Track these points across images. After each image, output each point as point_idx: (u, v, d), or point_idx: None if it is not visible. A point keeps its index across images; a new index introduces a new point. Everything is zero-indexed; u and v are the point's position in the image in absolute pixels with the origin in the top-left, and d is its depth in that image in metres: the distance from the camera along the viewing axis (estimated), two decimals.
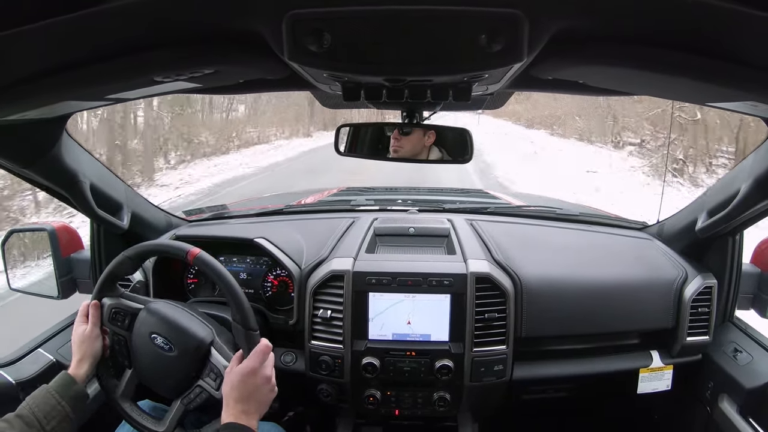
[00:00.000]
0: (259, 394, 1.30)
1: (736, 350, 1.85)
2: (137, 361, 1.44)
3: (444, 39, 0.77)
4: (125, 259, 1.48)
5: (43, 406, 1.27)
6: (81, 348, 1.42)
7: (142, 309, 1.46)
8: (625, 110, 17.89)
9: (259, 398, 1.30)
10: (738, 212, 1.59)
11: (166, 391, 1.42)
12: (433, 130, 1.65)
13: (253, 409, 1.28)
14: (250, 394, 1.28)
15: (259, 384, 1.30)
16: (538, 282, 1.83)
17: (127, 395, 1.46)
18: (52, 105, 1.09)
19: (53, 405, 1.28)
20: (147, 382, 1.46)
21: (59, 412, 1.28)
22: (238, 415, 1.25)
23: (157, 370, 1.41)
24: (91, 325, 1.44)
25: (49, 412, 1.26)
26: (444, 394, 1.78)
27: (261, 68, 1.05)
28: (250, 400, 1.28)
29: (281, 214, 2.42)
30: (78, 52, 0.83)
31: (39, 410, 1.26)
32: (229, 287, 1.40)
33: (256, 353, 1.32)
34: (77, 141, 1.62)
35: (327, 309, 1.77)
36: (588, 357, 1.89)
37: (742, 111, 1.10)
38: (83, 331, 1.43)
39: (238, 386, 1.28)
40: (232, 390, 1.28)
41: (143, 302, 1.49)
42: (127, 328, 1.45)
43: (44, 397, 1.29)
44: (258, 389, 1.30)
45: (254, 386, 1.29)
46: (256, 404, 1.29)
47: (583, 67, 0.98)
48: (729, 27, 0.72)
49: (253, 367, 1.30)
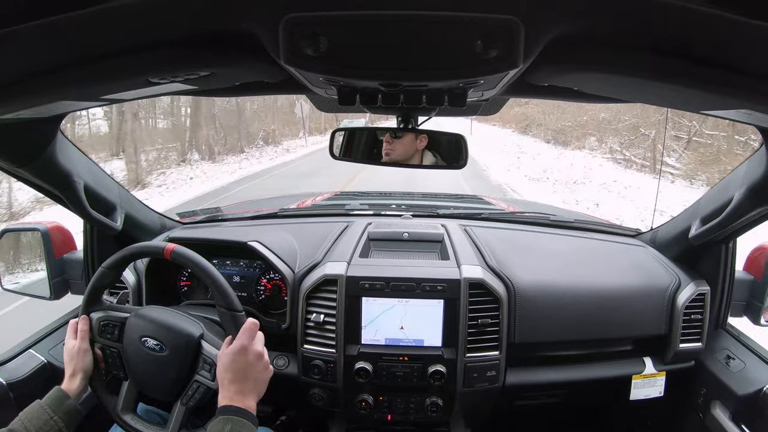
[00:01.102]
0: (254, 371, 1.30)
1: (728, 357, 1.86)
2: (132, 370, 1.44)
3: (440, 45, 0.77)
4: (104, 270, 1.48)
5: (36, 421, 1.26)
6: (72, 363, 1.42)
7: (129, 316, 1.46)
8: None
9: (255, 375, 1.30)
10: (731, 220, 1.60)
11: (165, 393, 1.42)
12: (425, 134, 1.65)
13: (249, 388, 1.28)
14: (244, 373, 1.28)
15: (252, 360, 1.30)
16: (531, 288, 1.83)
17: (128, 408, 1.46)
18: (47, 105, 1.08)
19: (46, 420, 1.27)
20: (145, 388, 1.45)
21: (52, 426, 1.27)
22: (233, 397, 1.25)
23: (152, 373, 1.41)
24: (80, 340, 1.44)
25: (41, 427, 1.26)
26: (436, 399, 1.78)
27: (257, 71, 1.05)
28: (245, 379, 1.28)
29: (275, 218, 2.42)
30: (72, 52, 0.82)
31: (32, 425, 1.25)
32: (208, 273, 1.41)
33: (243, 331, 1.32)
34: (72, 141, 1.61)
35: (320, 313, 1.77)
36: (581, 363, 1.89)
37: (736, 119, 1.10)
38: (72, 346, 1.43)
39: (231, 366, 1.28)
40: (225, 372, 1.28)
41: (130, 310, 1.49)
42: (118, 339, 1.45)
43: (37, 412, 1.28)
44: (251, 366, 1.29)
45: (246, 363, 1.29)
46: (253, 382, 1.29)
47: (579, 74, 0.98)
48: (722, 35, 0.72)
49: (242, 344, 1.30)
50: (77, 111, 1.39)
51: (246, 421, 1.21)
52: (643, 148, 17.79)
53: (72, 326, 1.47)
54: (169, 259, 1.44)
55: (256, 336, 1.34)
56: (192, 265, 1.43)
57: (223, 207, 2.77)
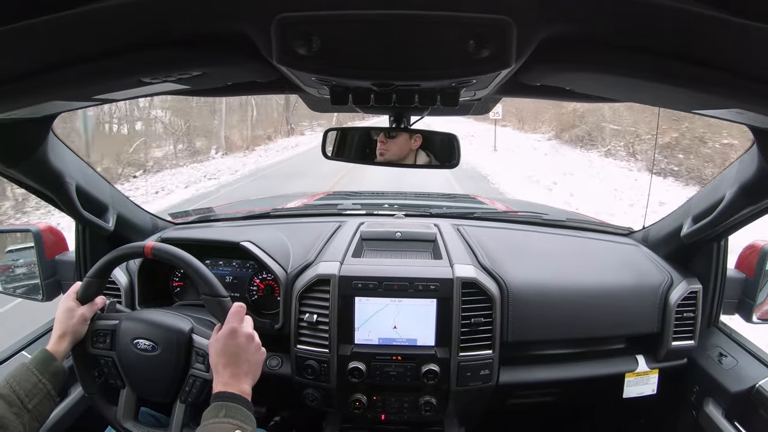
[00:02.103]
0: (246, 353, 1.29)
1: (721, 354, 1.87)
2: (129, 375, 1.44)
3: (433, 44, 0.77)
4: (90, 280, 1.47)
5: (24, 384, 1.24)
6: (64, 323, 1.40)
7: (119, 321, 1.46)
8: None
9: (247, 357, 1.29)
10: (723, 218, 1.60)
11: (164, 394, 1.41)
12: (419, 134, 1.66)
13: (243, 371, 1.27)
14: (237, 356, 1.27)
15: (243, 343, 1.29)
16: (524, 287, 1.83)
17: (129, 415, 1.46)
18: (38, 105, 1.08)
19: (34, 382, 1.26)
20: (144, 392, 1.45)
21: (41, 389, 1.26)
22: (227, 382, 1.23)
23: (148, 374, 1.41)
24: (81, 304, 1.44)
25: (30, 390, 1.24)
26: (430, 398, 1.78)
27: (249, 71, 1.05)
28: (238, 362, 1.27)
29: (268, 218, 2.41)
30: (65, 52, 0.82)
31: (20, 387, 1.23)
32: (189, 263, 1.41)
33: (231, 315, 1.32)
34: (63, 142, 1.61)
35: (313, 313, 1.77)
36: (574, 361, 1.90)
37: (728, 118, 1.11)
38: (69, 307, 1.42)
39: (223, 351, 1.27)
40: (218, 357, 1.27)
41: (119, 317, 1.48)
42: (111, 346, 1.45)
43: (24, 374, 1.26)
44: (243, 349, 1.28)
45: (238, 346, 1.28)
46: (246, 365, 1.28)
47: (571, 74, 0.98)
48: (714, 35, 0.73)
49: (231, 327, 1.29)
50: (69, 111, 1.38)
51: (241, 407, 1.20)
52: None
53: (74, 287, 1.46)
54: (150, 257, 1.44)
55: (244, 319, 1.34)
56: (173, 259, 1.43)
57: (216, 207, 2.76)
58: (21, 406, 1.21)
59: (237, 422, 1.16)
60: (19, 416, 1.20)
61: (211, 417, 1.17)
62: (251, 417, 1.21)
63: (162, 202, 12.86)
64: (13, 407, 1.20)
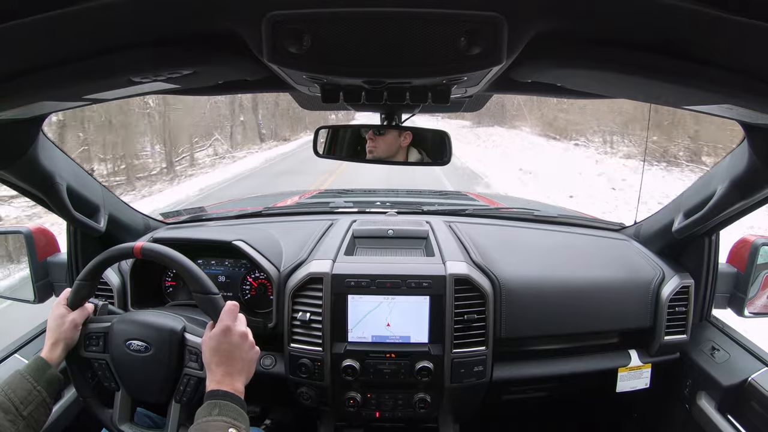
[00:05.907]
0: (240, 351, 1.28)
1: (713, 348, 1.88)
2: (123, 377, 1.43)
3: (423, 41, 0.77)
4: (80, 283, 1.46)
5: (19, 391, 1.23)
6: (56, 331, 1.39)
7: (111, 324, 1.45)
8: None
9: (241, 355, 1.28)
10: (714, 213, 1.61)
11: (159, 395, 1.40)
12: (408, 131, 1.66)
13: (237, 369, 1.26)
14: (230, 354, 1.26)
15: (237, 341, 1.28)
16: (516, 283, 1.84)
17: (124, 417, 1.45)
18: (28, 105, 1.07)
19: (29, 390, 1.25)
20: (139, 394, 1.44)
21: (35, 397, 1.25)
22: (221, 380, 1.23)
23: (143, 376, 1.40)
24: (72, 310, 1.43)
25: (25, 397, 1.23)
26: (424, 395, 1.78)
27: (240, 70, 1.05)
28: (231, 360, 1.26)
29: (260, 217, 2.41)
30: (54, 52, 0.81)
31: (15, 395, 1.22)
32: (179, 262, 1.40)
33: (225, 313, 1.31)
34: (54, 142, 1.60)
35: (306, 312, 1.76)
36: (567, 357, 1.91)
37: (718, 114, 1.11)
38: (61, 314, 1.41)
39: (216, 349, 1.26)
40: (212, 356, 1.26)
41: (110, 319, 1.47)
42: (104, 349, 1.44)
43: (20, 382, 1.26)
44: (237, 347, 1.28)
45: (231, 344, 1.27)
46: (240, 363, 1.27)
47: (562, 70, 0.98)
48: (703, 30, 0.73)
49: (225, 325, 1.28)
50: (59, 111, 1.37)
51: (234, 405, 1.19)
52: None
53: (65, 294, 1.45)
54: (140, 257, 1.43)
55: (238, 317, 1.33)
56: (163, 258, 1.42)
57: (207, 206, 2.75)
58: (16, 413, 1.20)
59: (230, 420, 1.15)
60: (15, 423, 1.20)
61: (205, 415, 1.16)
62: (245, 415, 1.20)
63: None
64: (9, 414, 1.19)
